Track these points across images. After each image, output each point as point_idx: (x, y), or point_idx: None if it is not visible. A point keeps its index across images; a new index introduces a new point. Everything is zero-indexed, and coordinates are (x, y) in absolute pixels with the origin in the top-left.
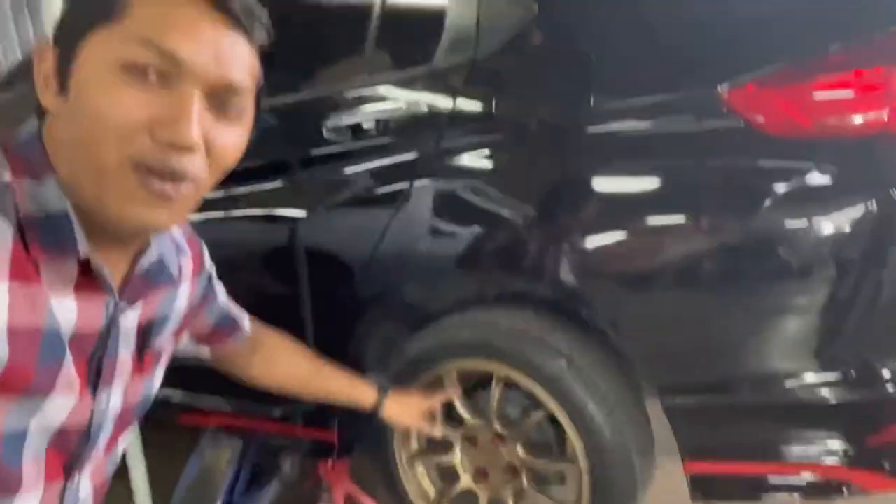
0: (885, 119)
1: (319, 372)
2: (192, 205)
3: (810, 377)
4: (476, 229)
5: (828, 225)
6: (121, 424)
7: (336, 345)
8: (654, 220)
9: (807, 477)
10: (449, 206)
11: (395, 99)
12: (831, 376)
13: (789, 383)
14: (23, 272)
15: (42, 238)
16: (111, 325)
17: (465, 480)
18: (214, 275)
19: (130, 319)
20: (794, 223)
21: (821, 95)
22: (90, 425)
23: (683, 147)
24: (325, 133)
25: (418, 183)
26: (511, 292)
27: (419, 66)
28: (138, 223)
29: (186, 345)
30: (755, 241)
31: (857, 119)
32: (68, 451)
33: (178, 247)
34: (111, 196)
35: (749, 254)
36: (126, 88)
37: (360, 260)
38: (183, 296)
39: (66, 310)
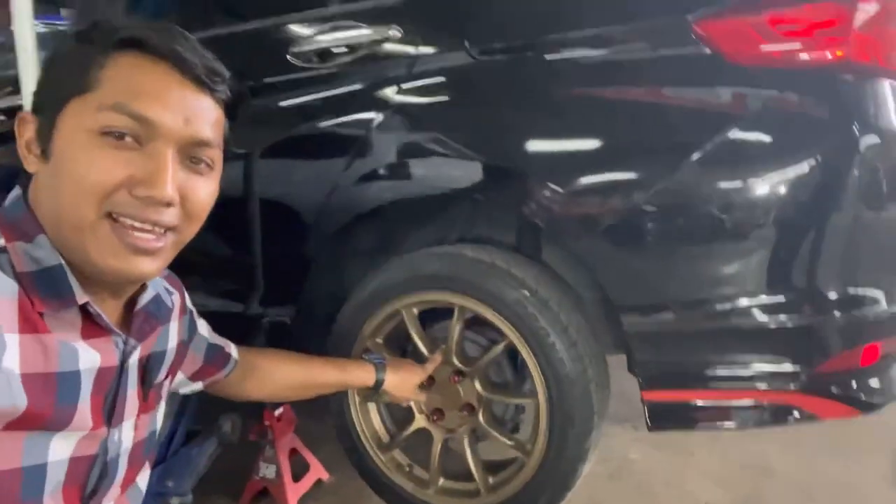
0: (843, 53)
1: (311, 372)
2: (174, 253)
3: (758, 301)
4: (441, 166)
5: (787, 153)
6: (134, 459)
7: (288, 284)
8: (619, 152)
9: (759, 403)
10: (414, 139)
11: (365, 27)
12: (778, 300)
13: (739, 307)
14: (31, 324)
15: (42, 291)
16: (124, 364)
17: (420, 421)
18: (195, 311)
19: (135, 357)
20: (755, 150)
21: (782, 27)
22: (106, 460)
23: (649, 74)
24: (290, 59)
25: (385, 113)
26: (472, 237)
27: None
28: (125, 274)
29: (180, 382)
30: (713, 168)
31: (817, 51)
32: (85, 485)
33: (165, 287)
34: (94, 251)
35: (705, 181)
36: (104, 151)
37: (320, 193)
38: (173, 333)
39: (85, 353)
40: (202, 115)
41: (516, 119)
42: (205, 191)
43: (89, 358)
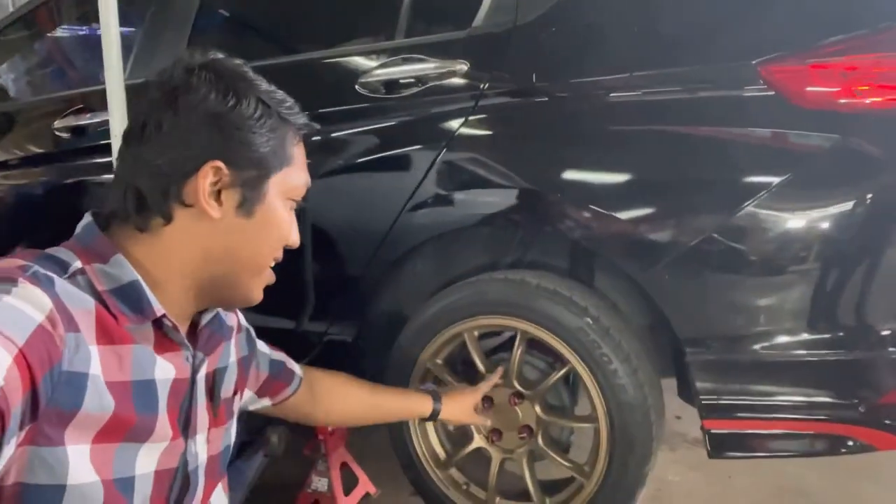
0: None
1: (377, 397)
2: None
3: (817, 335)
4: (502, 196)
5: (844, 193)
6: (211, 473)
7: (351, 305)
8: (682, 186)
9: (817, 433)
10: (477, 171)
11: (432, 61)
12: (836, 335)
13: (799, 340)
14: (107, 336)
15: (122, 305)
16: (195, 376)
17: (479, 441)
18: (252, 330)
19: (202, 371)
20: (817, 188)
21: (848, 74)
22: (186, 472)
23: (715, 115)
24: (358, 88)
25: (450, 145)
26: (527, 261)
27: (458, 30)
28: (254, 303)
29: (249, 400)
30: (775, 206)
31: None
32: (168, 498)
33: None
34: (257, 288)
35: (766, 219)
36: (290, 214)
37: (387, 218)
38: (232, 349)
39: (160, 364)
40: (306, 163)
41: (583, 153)
42: None
43: (164, 369)
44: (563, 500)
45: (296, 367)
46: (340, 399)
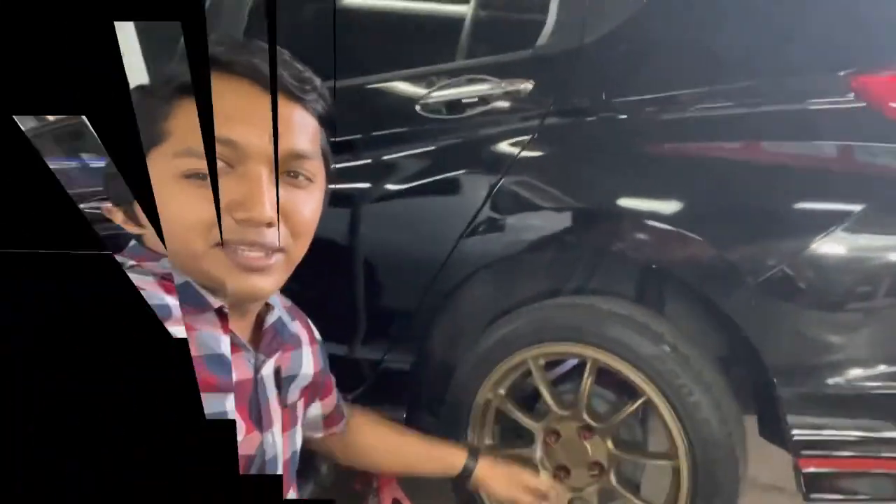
0: None
1: (402, 438)
2: (290, 270)
3: None
4: (564, 219)
5: None
6: (284, 474)
7: (408, 332)
8: (771, 204)
9: None
10: (544, 193)
11: (495, 82)
12: None
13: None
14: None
15: (182, 299)
16: (257, 375)
17: (544, 477)
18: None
19: (268, 369)
20: None
21: None
22: (264, 460)
23: (801, 128)
24: (418, 109)
25: (514, 167)
26: (590, 289)
27: (521, 51)
28: (243, 293)
29: (312, 419)
30: (873, 226)
31: None
32: None
33: (289, 314)
34: (212, 273)
35: (861, 238)
36: (193, 190)
37: (446, 242)
38: (308, 359)
39: (225, 344)
40: (293, 126)
41: (661, 172)
42: (307, 206)
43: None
44: None
45: (345, 410)
46: (361, 433)
